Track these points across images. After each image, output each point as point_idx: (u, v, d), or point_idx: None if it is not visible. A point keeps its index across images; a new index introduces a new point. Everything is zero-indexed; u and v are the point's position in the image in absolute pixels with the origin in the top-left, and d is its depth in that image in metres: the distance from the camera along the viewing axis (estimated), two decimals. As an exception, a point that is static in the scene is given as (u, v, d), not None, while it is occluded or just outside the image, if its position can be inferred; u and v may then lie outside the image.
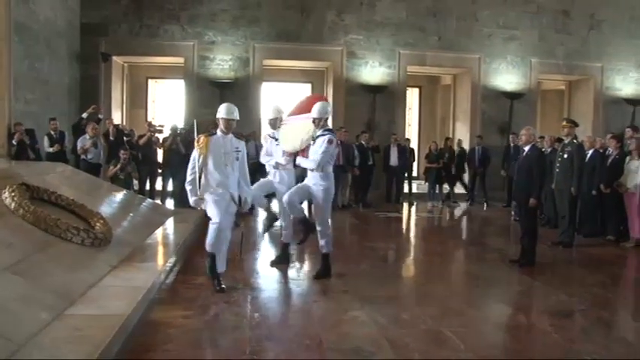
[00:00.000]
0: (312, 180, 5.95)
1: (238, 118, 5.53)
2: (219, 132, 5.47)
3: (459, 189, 13.91)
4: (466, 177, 13.82)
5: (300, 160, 6.07)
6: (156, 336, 4.15)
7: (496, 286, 6.22)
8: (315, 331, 4.36)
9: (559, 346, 4.26)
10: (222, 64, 13.90)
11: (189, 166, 5.45)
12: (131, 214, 8.10)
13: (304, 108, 6.29)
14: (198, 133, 5.66)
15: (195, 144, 5.40)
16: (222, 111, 5.46)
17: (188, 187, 5.44)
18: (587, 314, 5.13)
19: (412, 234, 10.38)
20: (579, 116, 14.19)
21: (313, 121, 5.88)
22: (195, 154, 5.41)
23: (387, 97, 14.36)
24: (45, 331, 3.58)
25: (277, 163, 6.34)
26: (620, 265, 7.61)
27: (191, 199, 5.48)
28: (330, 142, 5.84)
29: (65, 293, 4.28)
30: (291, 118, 6.40)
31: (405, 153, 13.38)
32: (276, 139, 6.35)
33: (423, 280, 6.50)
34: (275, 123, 6.43)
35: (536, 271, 6.72)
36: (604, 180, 8.63)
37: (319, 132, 5.98)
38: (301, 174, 6.32)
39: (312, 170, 5.93)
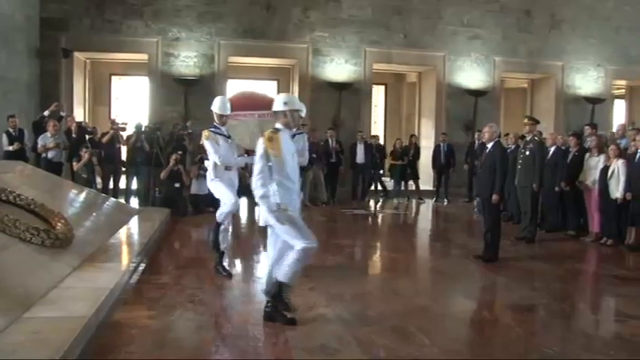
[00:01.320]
0: None
1: None
2: (281, 126, 4.48)
3: (424, 185, 14.07)
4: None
5: None
6: (119, 337, 4.08)
7: (460, 282, 6.30)
8: (281, 329, 4.34)
9: (521, 340, 4.34)
10: (186, 61, 13.73)
11: (259, 174, 4.34)
12: (94, 214, 7.95)
13: (255, 104, 6.23)
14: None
15: (267, 142, 4.31)
16: (288, 101, 4.50)
17: (265, 202, 4.30)
18: (548, 308, 5.24)
19: (378, 231, 10.44)
20: (541, 113, 14.53)
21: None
22: (264, 158, 4.32)
23: (353, 94, 14.39)
24: (1, 336, 3.48)
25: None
26: (580, 259, 7.79)
27: (273, 215, 4.28)
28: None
29: (24, 296, 4.17)
30: (239, 113, 6.12)
31: (372, 150, 13.44)
32: (229, 137, 5.90)
33: (389, 276, 6.54)
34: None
35: (499, 266, 6.84)
36: (565, 176, 8.82)
37: (294, 130, 6.06)
38: None
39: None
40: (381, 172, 14.21)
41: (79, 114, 13.60)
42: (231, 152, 5.89)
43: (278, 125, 4.49)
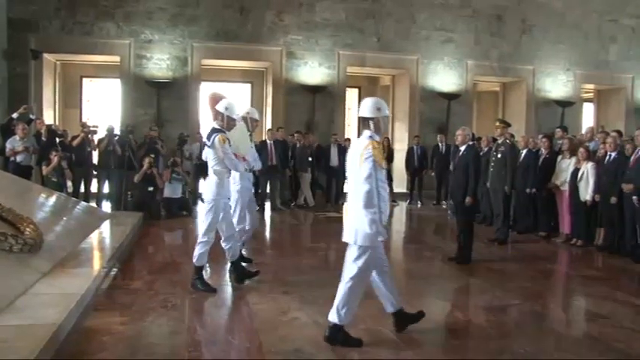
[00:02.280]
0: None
1: None
2: (371, 133, 4.13)
3: (398, 188, 14.13)
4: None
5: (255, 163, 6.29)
6: (90, 344, 4.02)
7: (434, 284, 6.35)
8: (255, 334, 4.32)
9: (494, 340, 4.38)
10: (159, 64, 13.59)
11: (371, 191, 3.96)
12: (64, 218, 7.81)
13: None
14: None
15: (377, 154, 3.98)
16: (381, 107, 4.18)
17: (374, 221, 4.02)
18: (520, 308, 5.31)
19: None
20: (513, 116, 14.74)
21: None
22: (374, 171, 3.97)
23: (327, 97, 14.41)
24: (-34, 345, 3.40)
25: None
26: (551, 260, 7.91)
27: (378, 232, 4.07)
28: None
29: (-9, 303, 4.07)
30: None
31: (345, 153, 13.42)
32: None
33: (364, 279, 6.54)
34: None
35: (472, 267, 6.91)
36: (537, 178, 8.94)
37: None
38: None
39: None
40: None
41: (49, 117, 13.37)
42: None
43: (370, 132, 4.12)
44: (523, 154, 9.14)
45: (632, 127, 12.64)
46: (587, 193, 8.08)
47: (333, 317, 4.10)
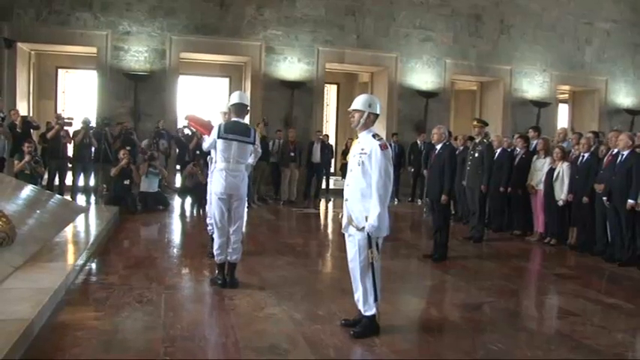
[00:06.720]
0: None
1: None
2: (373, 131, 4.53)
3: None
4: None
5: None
6: (63, 340, 3.96)
7: (410, 281, 6.40)
8: (231, 330, 4.31)
9: (468, 337, 4.43)
10: (137, 56, 13.43)
11: (388, 188, 4.28)
12: (38, 211, 7.70)
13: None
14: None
15: (386, 151, 4.32)
16: (372, 103, 4.58)
17: (384, 216, 4.34)
18: (494, 306, 5.37)
19: (329, 230, 10.47)
20: (490, 116, 14.89)
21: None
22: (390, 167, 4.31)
23: (306, 93, 14.40)
24: (-63, 339, 3.34)
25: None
26: (525, 258, 8.03)
27: (378, 230, 4.37)
28: None
29: (-38, 297, 4.01)
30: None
31: (326, 149, 13.50)
32: None
33: (339, 275, 6.55)
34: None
35: (448, 265, 6.99)
36: (512, 177, 9.04)
37: None
38: None
39: None
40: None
41: (23, 108, 13.14)
42: None
43: (373, 131, 4.50)
44: (497, 153, 9.22)
45: (606, 129, 12.89)
46: (562, 192, 8.21)
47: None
